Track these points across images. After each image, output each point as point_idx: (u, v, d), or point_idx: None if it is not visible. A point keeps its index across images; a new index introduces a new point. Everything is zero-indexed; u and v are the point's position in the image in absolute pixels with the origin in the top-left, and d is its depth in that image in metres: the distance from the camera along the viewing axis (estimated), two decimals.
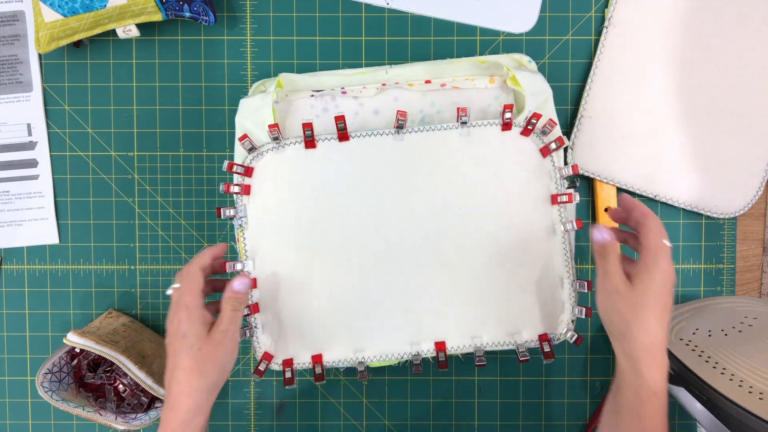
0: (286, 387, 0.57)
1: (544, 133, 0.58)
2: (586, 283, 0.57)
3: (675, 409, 0.67)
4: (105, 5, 0.59)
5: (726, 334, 0.56)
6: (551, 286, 0.59)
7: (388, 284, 0.59)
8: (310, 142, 0.57)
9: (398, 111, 0.56)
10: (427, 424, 0.67)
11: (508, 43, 0.65)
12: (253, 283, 0.58)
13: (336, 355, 0.59)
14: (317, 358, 0.59)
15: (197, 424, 0.49)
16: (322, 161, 0.58)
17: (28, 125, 0.66)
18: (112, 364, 0.63)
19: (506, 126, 0.57)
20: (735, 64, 0.63)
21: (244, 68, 0.65)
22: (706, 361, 0.54)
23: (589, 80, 0.64)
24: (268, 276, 0.58)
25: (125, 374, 0.63)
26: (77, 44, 0.64)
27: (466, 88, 0.61)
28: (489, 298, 0.59)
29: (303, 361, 0.59)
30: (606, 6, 0.64)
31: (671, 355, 0.56)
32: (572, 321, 0.58)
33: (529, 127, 0.57)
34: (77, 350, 0.62)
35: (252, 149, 0.57)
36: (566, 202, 0.57)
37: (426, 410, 0.67)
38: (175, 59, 0.65)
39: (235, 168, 0.56)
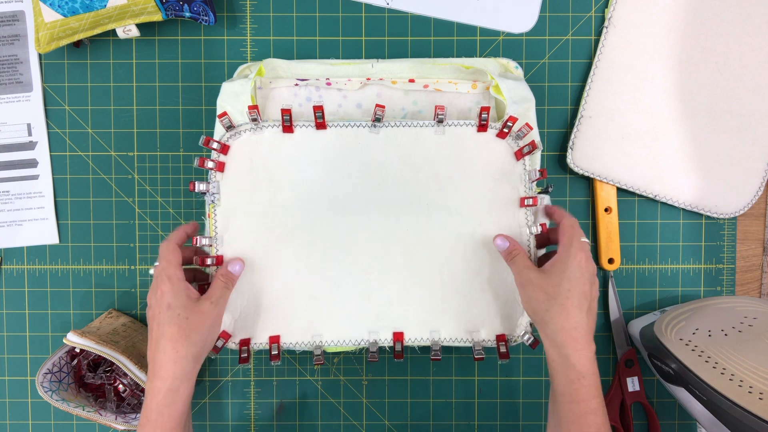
0: (240, 365, 0.58)
1: (519, 137, 0.58)
2: None
3: (675, 409, 0.67)
4: (105, 5, 0.59)
5: (726, 334, 0.56)
6: (513, 288, 0.59)
7: (352, 271, 0.59)
8: (287, 126, 0.58)
9: (377, 104, 0.57)
10: (427, 425, 0.67)
11: (508, 43, 0.65)
12: (220, 260, 0.58)
13: (294, 338, 0.59)
14: (274, 339, 0.59)
15: (184, 392, 0.50)
16: (299, 146, 0.58)
17: (28, 125, 0.66)
18: (112, 364, 0.63)
19: (482, 127, 0.58)
20: (735, 64, 0.63)
21: None
22: (706, 361, 0.54)
23: (589, 80, 0.64)
24: (235, 254, 0.59)
25: (125, 374, 0.63)
26: (77, 44, 0.64)
27: (448, 91, 0.62)
28: (451, 293, 0.59)
29: (260, 341, 0.59)
30: (606, 6, 0.64)
31: (671, 355, 0.56)
32: (530, 324, 0.59)
33: (504, 129, 0.57)
34: (77, 350, 0.62)
35: (230, 127, 0.58)
36: (531, 205, 0.58)
37: (426, 410, 0.67)
38: (175, 59, 0.65)
39: (211, 143, 0.56)
